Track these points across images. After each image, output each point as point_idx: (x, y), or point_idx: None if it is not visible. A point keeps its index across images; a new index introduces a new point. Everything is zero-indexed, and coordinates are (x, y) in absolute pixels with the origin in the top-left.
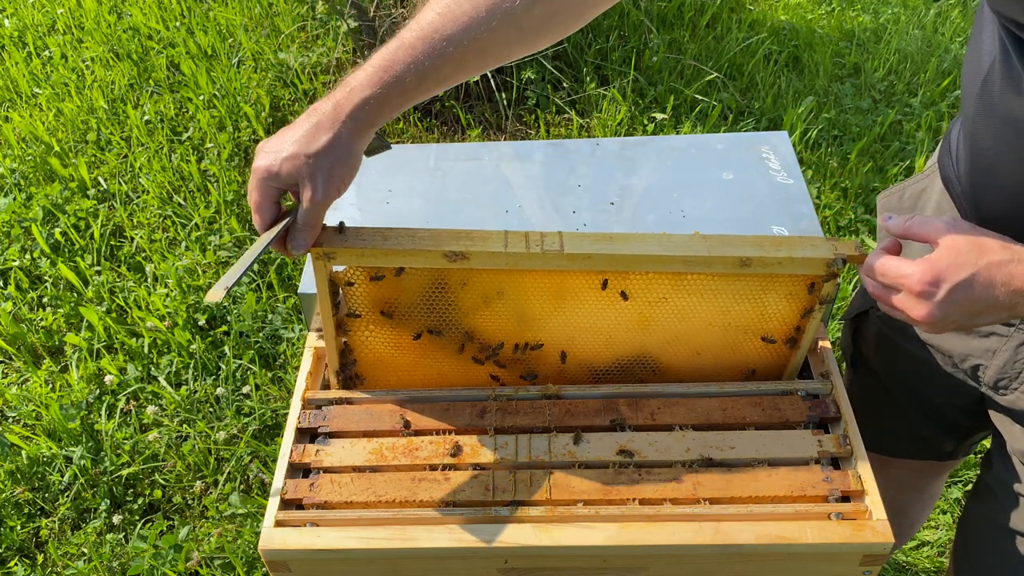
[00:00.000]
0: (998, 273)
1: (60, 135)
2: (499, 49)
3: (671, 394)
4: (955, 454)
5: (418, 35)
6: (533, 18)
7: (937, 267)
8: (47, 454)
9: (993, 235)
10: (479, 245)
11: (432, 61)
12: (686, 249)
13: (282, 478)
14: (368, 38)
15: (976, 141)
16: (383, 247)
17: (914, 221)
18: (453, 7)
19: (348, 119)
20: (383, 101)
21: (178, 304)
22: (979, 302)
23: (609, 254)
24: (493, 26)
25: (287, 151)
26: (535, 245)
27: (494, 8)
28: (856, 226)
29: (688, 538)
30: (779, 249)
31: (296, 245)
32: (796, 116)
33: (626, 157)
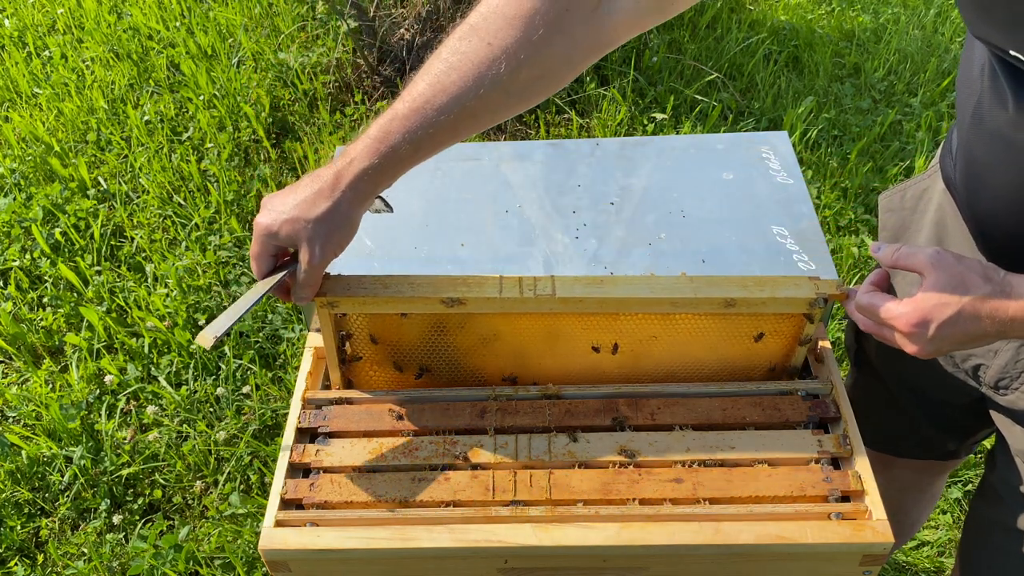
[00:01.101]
0: (983, 307)
1: (60, 135)
2: (489, 113)
3: (671, 394)
4: (957, 453)
5: (411, 107)
6: (519, 83)
7: (922, 308)
8: (47, 454)
9: (976, 267)
10: (475, 291)
11: (425, 130)
12: (673, 291)
13: (282, 478)
14: (368, 38)
15: (969, 149)
16: (383, 295)
17: (901, 253)
18: (442, 77)
19: (348, 189)
20: (381, 170)
21: (178, 304)
22: (968, 334)
23: (599, 297)
24: (481, 93)
25: (288, 214)
26: (528, 290)
27: (481, 76)
28: (856, 226)
29: (688, 538)
30: (762, 290)
31: (299, 298)
32: (796, 116)
33: (626, 157)
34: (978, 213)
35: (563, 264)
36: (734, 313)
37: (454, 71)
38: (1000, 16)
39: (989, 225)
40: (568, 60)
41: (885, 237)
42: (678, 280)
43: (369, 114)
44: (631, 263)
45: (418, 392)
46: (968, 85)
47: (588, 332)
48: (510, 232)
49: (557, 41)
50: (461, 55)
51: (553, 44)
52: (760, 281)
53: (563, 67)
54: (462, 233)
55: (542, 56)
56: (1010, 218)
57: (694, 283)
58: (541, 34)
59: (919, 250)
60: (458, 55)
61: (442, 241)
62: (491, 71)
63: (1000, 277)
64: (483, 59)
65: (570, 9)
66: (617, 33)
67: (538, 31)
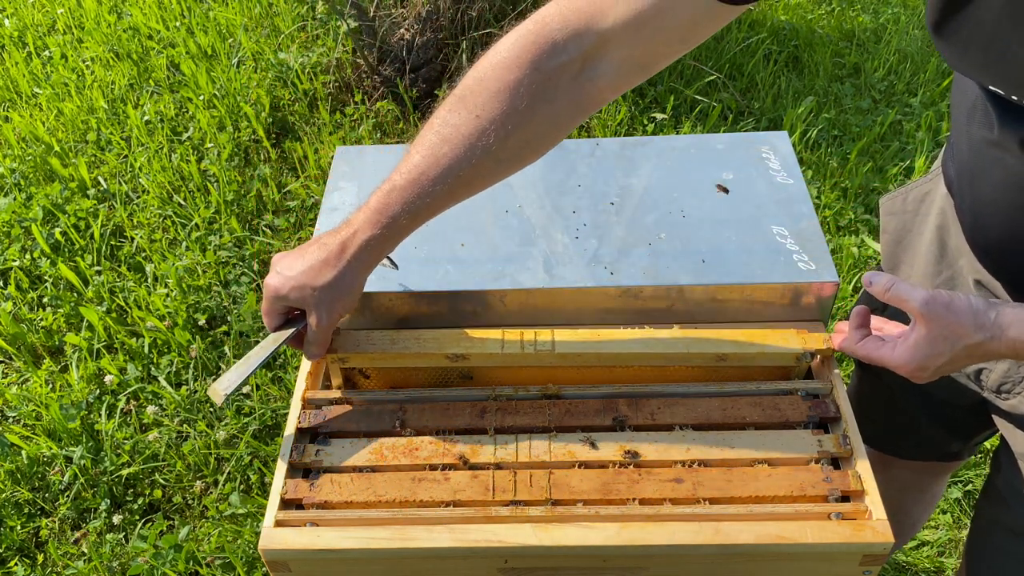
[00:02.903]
0: (976, 351)
1: (60, 135)
2: (482, 179)
3: (671, 394)
4: (959, 454)
5: (407, 178)
6: (508, 150)
7: (917, 358)
8: (47, 454)
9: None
10: (477, 347)
11: (423, 200)
12: (666, 347)
13: (282, 478)
14: (368, 38)
15: (961, 157)
16: (391, 351)
17: (893, 292)
18: (435, 149)
19: (352, 259)
20: (382, 240)
21: (178, 304)
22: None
23: (596, 352)
24: (473, 163)
25: (296, 280)
26: (528, 346)
27: (472, 147)
28: (856, 226)
29: (688, 538)
30: (752, 345)
31: (310, 355)
32: (796, 116)
33: (626, 157)
34: (968, 218)
35: (563, 264)
36: (725, 366)
37: (446, 143)
38: (975, 58)
39: (979, 231)
40: (554, 125)
41: (886, 240)
42: (672, 334)
43: (369, 114)
44: (631, 263)
45: (418, 392)
46: (961, 94)
47: (585, 381)
48: (510, 232)
49: (542, 109)
50: (452, 127)
51: (538, 112)
52: (750, 335)
53: (550, 132)
54: (462, 233)
55: (528, 124)
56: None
57: (687, 338)
58: (526, 104)
59: (911, 292)
60: (449, 127)
61: (442, 241)
62: (481, 142)
63: (991, 320)
64: (472, 131)
65: (552, 78)
66: (601, 96)
67: (523, 101)
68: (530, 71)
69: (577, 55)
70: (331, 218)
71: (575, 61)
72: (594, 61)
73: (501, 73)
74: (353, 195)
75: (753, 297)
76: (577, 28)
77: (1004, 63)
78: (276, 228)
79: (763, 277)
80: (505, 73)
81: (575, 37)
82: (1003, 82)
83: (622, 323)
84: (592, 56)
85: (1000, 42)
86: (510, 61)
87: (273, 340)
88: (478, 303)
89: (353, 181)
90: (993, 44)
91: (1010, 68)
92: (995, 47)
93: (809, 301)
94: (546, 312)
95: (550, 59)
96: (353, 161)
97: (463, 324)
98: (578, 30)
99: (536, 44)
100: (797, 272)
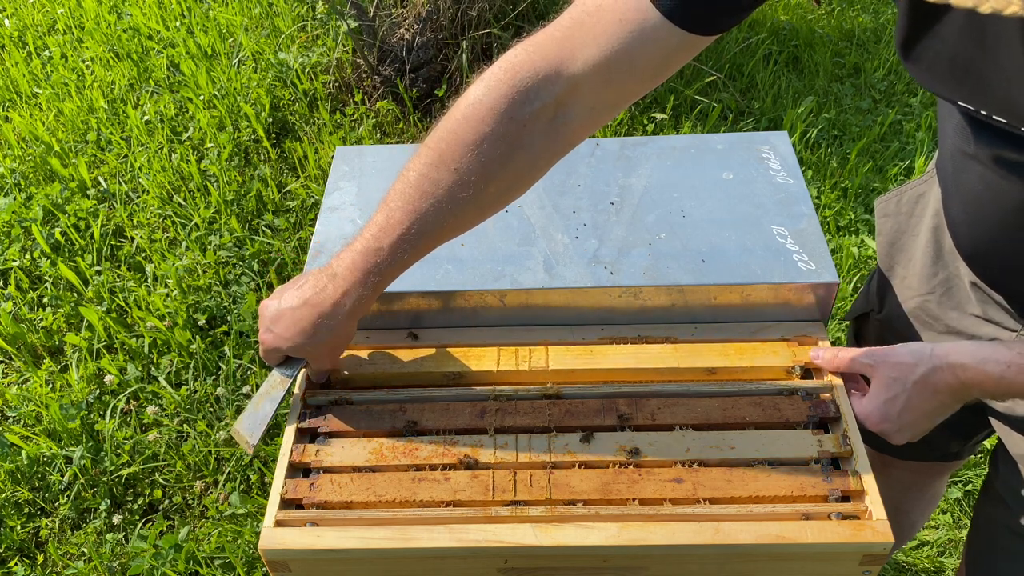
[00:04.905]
0: (927, 385)
1: (60, 135)
2: (465, 226)
3: (671, 394)
4: (959, 454)
5: (392, 238)
6: (489, 197)
7: (877, 407)
8: (47, 454)
9: (904, 355)
10: (474, 365)
11: (408, 252)
12: (658, 361)
13: (282, 478)
14: (368, 38)
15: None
16: (391, 370)
17: (837, 361)
18: (417, 205)
19: (345, 317)
20: (372, 295)
21: (178, 304)
22: (931, 411)
23: (590, 368)
24: (456, 213)
25: (292, 340)
26: (523, 363)
27: (454, 200)
28: (856, 226)
29: (688, 538)
30: (742, 359)
31: (315, 379)
32: (796, 116)
33: (626, 157)
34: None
35: (563, 264)
36: (717, 378)
37: (427, 199)
38: (942, 77)
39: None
40: (532, 168)
41: (882, 242)
42: (663, 349)
43: (370, 114)
44: (631, 263)
45: (418, 392)
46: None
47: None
48: (510, 232)
49: (519, 156)
50: (432, 182)
51: (516, 159)
52: (740, 349)
53: (527, 175)
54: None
55: (506, 172)
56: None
57: (678, 353)
58: (502, 153)
59: (851, 354)
60: (429, 182)
61: None
62: (462, 194)
63: (930, 351)
64: (452, 184)
65: (528, 126)
66: (576, 136)
67: (500, 151)
68: (505, 121)
69: (550, 101)
70: (331, 218)
71: (548, 107)
72: (566, 106)
73: (476, 125)
74: (353, 195)
75: (753, 297)
76: (548, 74)
77: (970, 81)
78: (276, 228)
79: (763, 277)
80: (480, 125)
81: (547, 83)
82: (971, 99)
83: (622, 323)
84: (564, 101)
85: (964, 61)
86: (484, 112)
87: (281, 383)
88: (478, 303)
89: (353, 181)
90: (957, 63)
91: (976, 86)
92: (959, 66)
93: (809, 301)
94: (546, 312)
95: (523, 107)
96: (353, 161)
97: (463, 324)
98: (549, 76)
99: (508, 94)
100: (797, 272)
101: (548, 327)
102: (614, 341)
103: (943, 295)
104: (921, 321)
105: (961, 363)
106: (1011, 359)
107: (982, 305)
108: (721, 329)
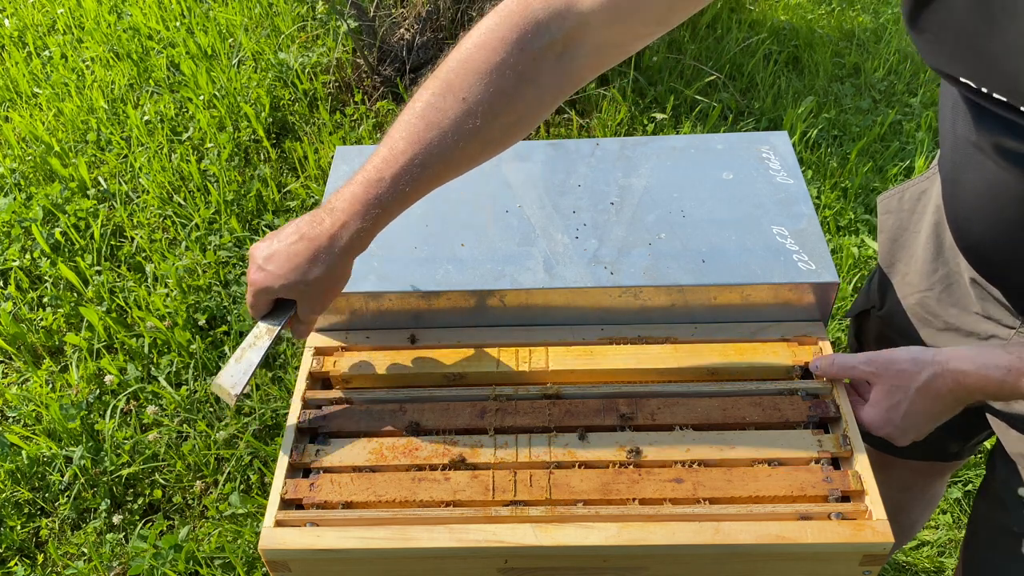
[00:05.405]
0: (929, 391)
1: (60, 135)
2: (468, 162)
3: (671, 394)
4: (959, 454)
5: (395, 168)
6: (494, 132)
7: (880, 414)
8: (47, 454)
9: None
10: (474, 366)
11: (411, 184)
12: (659, 362)
13: (282, 478)
14: (368, 38)
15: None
16: (391, 371)
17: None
18: (422, 135)
19: (342, 252)
20: (372, 229)
21: (178, 304)
22: (935, 413)
23: (590, 369)
24: (460, 146)
25: (285, 277)
26: (523, 363)
27: (459, 131)
28: (856, 226)
29: (688, 538)
30: (742, 359)
31: (299, 335)
32: (796, 116)
33: (626, 157)
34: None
35: (563, 264)
36: (717, 378)
37: (432, 128)
38: (946, 49)
39: (963, 232)
40: (539, 104)
41: (883, 239)
42: (663, 350)
43: (369, 114)
44: (631, 263)
45: (418, 392)
46: (946, 96)
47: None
48: (510, 232)
49: (527, 90)
50: (438, 111)
51: (524, 93)
52: (741, 350)
53: (534, 111)
54: (462, 233)
55: (514, 105)
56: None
57: (678, 353)
58: (512, 84)
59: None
60: (435, 111)
61: (442, 241)
62: (468, 124)
63: (931, 357)
64: (459, 115)
65: (537, 59)
66: (581, 76)
67: (509, 82)
68: (516, 52)
69: (560, 35)
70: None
71: (558, 42)
72: (575, 42)
73: (487, 54)
74: None
75: (753, 297)
76: (559, 8)
77: (973, 54)
78: (276, 228)
79: (763, 277)
80: (491, 54)
81: (557, 17)
82: (974, 75)
83: (622, 323)
84: (573, 37)
85: (970, 33)
86: (495, 42)
87: (268, 332)
88: (478, 302)
89: None
90: (963, 35)
91: (980, 60)
92: (965, 38)
93: (809, 301)
94: (546, 312)
95: (534, 40)
96: (353, 161)
97: (463, 324)
98: (560, 11)
99: (520, 25)
100: (797, 272)
101: (548, 327)
102: (614, 341)
103: (943, 292)
104: (920, 318)
105: (962, 369)
106: (1011, 363)
107: (981, 302)
108: (721, 329)
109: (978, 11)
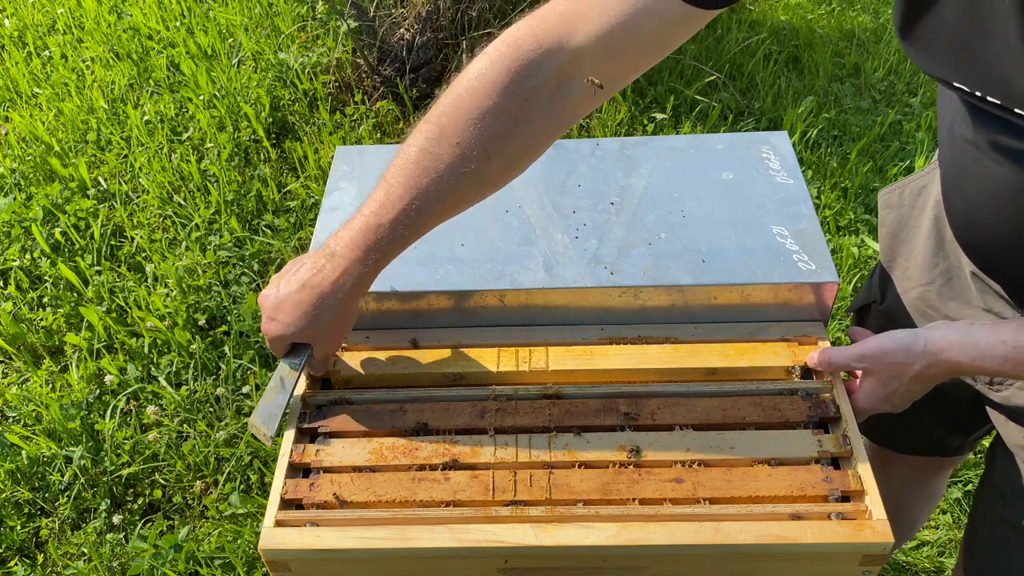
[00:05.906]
0: (925, 377)
1: (60, 135)
2: (466, 202)
3: (671, 394)
4: (959, 449)
5: (392, 214)
6: (490, 174)
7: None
8: (47, 454)
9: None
10: (474, 366)
11: (408, 228)
12: (658, 362)
13: (282, 478)
14: (368, 38)
15: (944, 159)
16: (391, 371)
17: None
18: (418, 181)
19: (346, 297)
20: (373, 271)
21: (178, 304)
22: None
23: (589, 369)
24: (456, 190)
25: (296, 325)
26: (523, 363)
27: (455, 175)
28: (856, 226)
29: (688, 538)
30: (742, 359)
31: (316, 372)
32: (796, 116)
33: (626, 157)
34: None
35: (563, 264)
36: (717, 378)
37: (428, 174)
38: (939, 56)
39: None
40: (533, 143)
41: (884, 234)
42: (663, 350)
43: (370, 114)
44: (631, 263)
45: (418, 392)
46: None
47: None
48: (510, 232)
49: (522, 131)
50: (433, 157)
51: (518, 134)
52: (740, 350)
53: (529, 151)
54: (462, 233)
55: (509, 147)
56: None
57: (678, 352)
58: (505, 127)
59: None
60: (430, 157)
61: (442, 241)
62: (463, 169)
63: (923, 348)
64: (454, 160)
65: (530, 100)
66: (576, 112)
67: (502, 126)
68: (508, 95)
69: (552, 73)
70: (331, 218)
71: (551, 80)
72: (569, 79)
73: (479, 100)
74: (353, 195)
75: (753, 297)
76: (551, 47)
77: (966, 61)
78: (276, 228)
79: (763, 277)
80: (483, 100)
81: (550, 55)
82: (967, 80)
83: (622, 323)
84: (567, 73)
85: (962, 40)
86: (487, 87)
87: (290, 373)
88: (478, 303)
89: (353, 181)
90: (955, 42)
91: (973, 66)
92: (957, 45)
93: (809, 301)
94: (546, 312)
95: (526, 81)
96: (353, 161)
97: (463, 324)
98: (551, 48)
99: (511, 68)
100: (797, 272)
101: (548, 327)
102: (614, 341)
103: (943, 285)
104: (921, 312)
105: (955, 360)
106: (1007, 353)
107: (982, 295)
108: (721, 329)
109: (969, 18)
